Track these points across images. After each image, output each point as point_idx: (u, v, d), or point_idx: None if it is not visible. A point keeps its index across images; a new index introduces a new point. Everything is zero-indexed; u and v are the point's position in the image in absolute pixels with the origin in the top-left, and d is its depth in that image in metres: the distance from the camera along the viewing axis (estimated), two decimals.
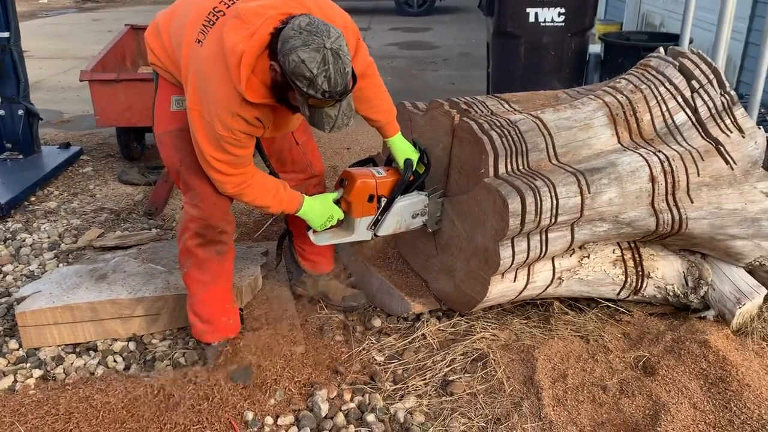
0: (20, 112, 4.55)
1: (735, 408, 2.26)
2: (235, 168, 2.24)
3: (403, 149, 2.59)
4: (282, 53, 1.95)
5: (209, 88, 2.10)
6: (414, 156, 2.59)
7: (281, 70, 1.98)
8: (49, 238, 3.71)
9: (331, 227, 2.56)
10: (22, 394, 2.41)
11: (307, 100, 2.00)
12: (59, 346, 2.73)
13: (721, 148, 2.64)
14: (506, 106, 2.79)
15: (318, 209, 2.48)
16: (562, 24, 4.85)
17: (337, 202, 2.54)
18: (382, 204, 2.57)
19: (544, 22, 4.85)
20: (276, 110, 2.21)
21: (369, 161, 2.75)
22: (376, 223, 2.60)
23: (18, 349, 2.71)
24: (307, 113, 2.06)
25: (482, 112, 2.71)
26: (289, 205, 2.42)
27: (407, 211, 2.66)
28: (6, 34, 4.34)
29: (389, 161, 2.70)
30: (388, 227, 2.63)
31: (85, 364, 2.63)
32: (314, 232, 2.55)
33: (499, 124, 2.53)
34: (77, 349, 2.73)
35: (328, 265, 3.00)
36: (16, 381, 2.53)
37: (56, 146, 5.03)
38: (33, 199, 4.26)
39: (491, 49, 5.22)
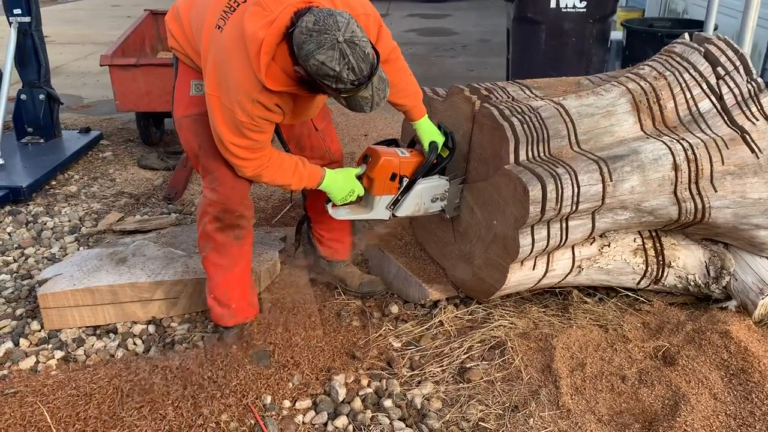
0: (41, 96, 4.59)
1: (756, 399, 2.24)
2: (253, 152, 2.25)
3: (429, 132, 2.58)
4: (301, 59, 1.97)
5: (229, 74, 2.10)
6: (440, 139, 2.58)
7: (307, 73, 1.99)
8: (69, 221, 3.76)
9: (351, 203, 2.56)
10: (44, 375, 2.44)
11: (340, 94, 2.02)
12: (80, 328, 2.76)
13: (747, 137, 2.59)
14: (527, 92, 2.76)
15: (340, 182, 2.48)
16: (584, 10, 4.78)
17: (359, 178, 2.54)
18: (404, 184, 2.57)
19: (566, 7, 4.78)
20: (296, 97, 2.21)
21: (392, 142, 2.74)
22: (395, 203, 2.60)
23: (40, 331, 2.75)
24: (344, 103, 2.09)
25: (503, 98, 2.68)
26: (310, 180, 2.42)
27: (427, 194, 2.65)
28: (27, 19, 4.38)
29: (412, 143, 2.69)
30: (407, 208, 2.62)
31: (105, 347, 2.66)
32: (333, 206, 2.55)
33: (520, 110, 2.51)
34: (97, 332, 2.76)
35: (345, 252, 3.00)
36: (38, 362, 2.57)
37: (76, 131, 5.07)
38: (54, 183, 4.30)
39: (511, 36, 5.16)
